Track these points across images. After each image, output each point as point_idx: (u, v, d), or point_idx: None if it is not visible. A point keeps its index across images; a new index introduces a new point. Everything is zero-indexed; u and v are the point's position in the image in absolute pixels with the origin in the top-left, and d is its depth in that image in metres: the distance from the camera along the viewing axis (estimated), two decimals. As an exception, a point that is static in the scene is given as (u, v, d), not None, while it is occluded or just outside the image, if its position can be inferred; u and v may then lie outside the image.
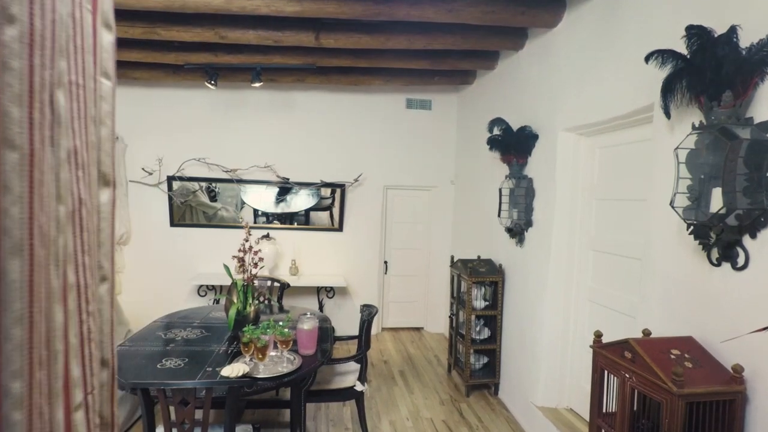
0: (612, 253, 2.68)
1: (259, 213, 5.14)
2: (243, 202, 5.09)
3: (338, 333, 4.60)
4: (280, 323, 2.47)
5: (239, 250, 2.87)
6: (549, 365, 3.09)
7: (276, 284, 4.02)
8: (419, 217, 5.52)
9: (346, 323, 5.06)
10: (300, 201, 5.13)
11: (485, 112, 4.12)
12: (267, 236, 4.86)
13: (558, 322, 3.06)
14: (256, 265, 2.90)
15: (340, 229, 5.18)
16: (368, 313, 3.12)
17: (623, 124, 2.52)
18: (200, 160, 4.83)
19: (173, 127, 4.87)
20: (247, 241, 2.89)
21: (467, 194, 4.85)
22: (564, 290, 3.04)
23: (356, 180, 5.07)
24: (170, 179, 4.81)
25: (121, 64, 4.19)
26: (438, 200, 5.43)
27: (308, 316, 2.64)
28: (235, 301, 2.92)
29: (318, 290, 4.99)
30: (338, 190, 5.10)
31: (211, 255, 4.86)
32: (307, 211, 5.18)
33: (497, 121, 3.48)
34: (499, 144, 3.46)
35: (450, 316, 4.17)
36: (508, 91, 3.86)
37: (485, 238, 4.20)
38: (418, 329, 5.61)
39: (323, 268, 5.19)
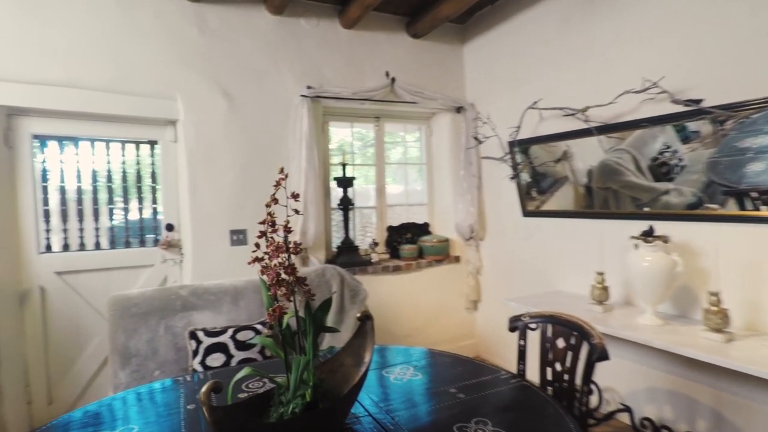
0: None
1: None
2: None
3: None
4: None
5: (265, 221, 1.23)
6: None
7: (585, 344, 1.70)
8: None
9: None
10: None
11: None
12: (648, 235, 2.26)
13: None
14: (293, 248, 1.16)
15: None
16: None
17: None
18: (534, 106, 2.97)
19: (510, 69, 3.31)
20: (274, 202, 1.21)
21: None
22: None
23: None
24: (512, 146, 3.27)
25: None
26: None
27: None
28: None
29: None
30: None
31: (582, 263, 2.86)
32: None
33: None
34: None
35: None
36: None
37: None
38: None
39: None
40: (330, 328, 1.30)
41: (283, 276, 1.17)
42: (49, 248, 2.71)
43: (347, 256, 3.46)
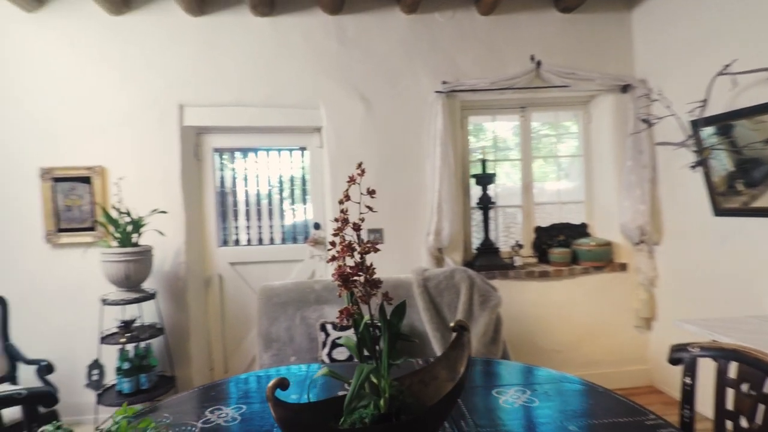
0: None
1: None
2: None
3: None
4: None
5: (338, 218, 1.18)
6: None
7: None
8: None
9: None
10: None
11: None
12: None
13: None
14: (365, 246, 1.09)
15: None
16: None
17: None
18: (726, 71, 2.22)
19: (692, 29, 2.58)
20: (347, 198, 1.15)
21: None
22: None
23: None
24: (696, 126, 2.56)
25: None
26: None
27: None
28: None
29: None
30: None
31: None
32: None
33: None
34: None
35: None
36: None
37: None
38: None
39: None
40: (406, 337, 1.18)
41: (355, 276, 1.11)
42: (225, 243, 3.24)
43: (486, 258, 3.23)
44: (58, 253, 2.86)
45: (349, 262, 1.18)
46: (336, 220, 1.17)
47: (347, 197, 1.17)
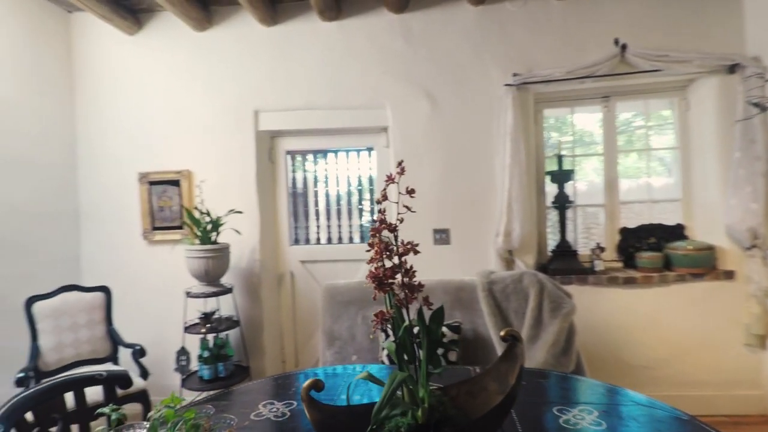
0: None
1: None
2: None
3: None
4: None
5: (375, 219, 1.15)
6: None
7: None
8: None
9: None
10: None
11: None
12: None
13: None
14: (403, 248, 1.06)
15: None
16: None
17: None
18: None
19: None
20: (384, 198, 1.12)
21: None
22: None
23: None
24: (825, 110, 2.12)
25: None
26: None
27: None
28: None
29: None
30: None
31: None
32: None
33: None
34: None
35: None
36: None
37: None
38: None
39: None
40: (446, 345, 1.12)
41: (392, 279, 1.07)
42: (296, 241, 3.38)
43: (562, 261, 3.00)
44: (152, 250, 3.19)
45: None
46: (374, 220, 1.14)
47: (384, 197, 1.14)
